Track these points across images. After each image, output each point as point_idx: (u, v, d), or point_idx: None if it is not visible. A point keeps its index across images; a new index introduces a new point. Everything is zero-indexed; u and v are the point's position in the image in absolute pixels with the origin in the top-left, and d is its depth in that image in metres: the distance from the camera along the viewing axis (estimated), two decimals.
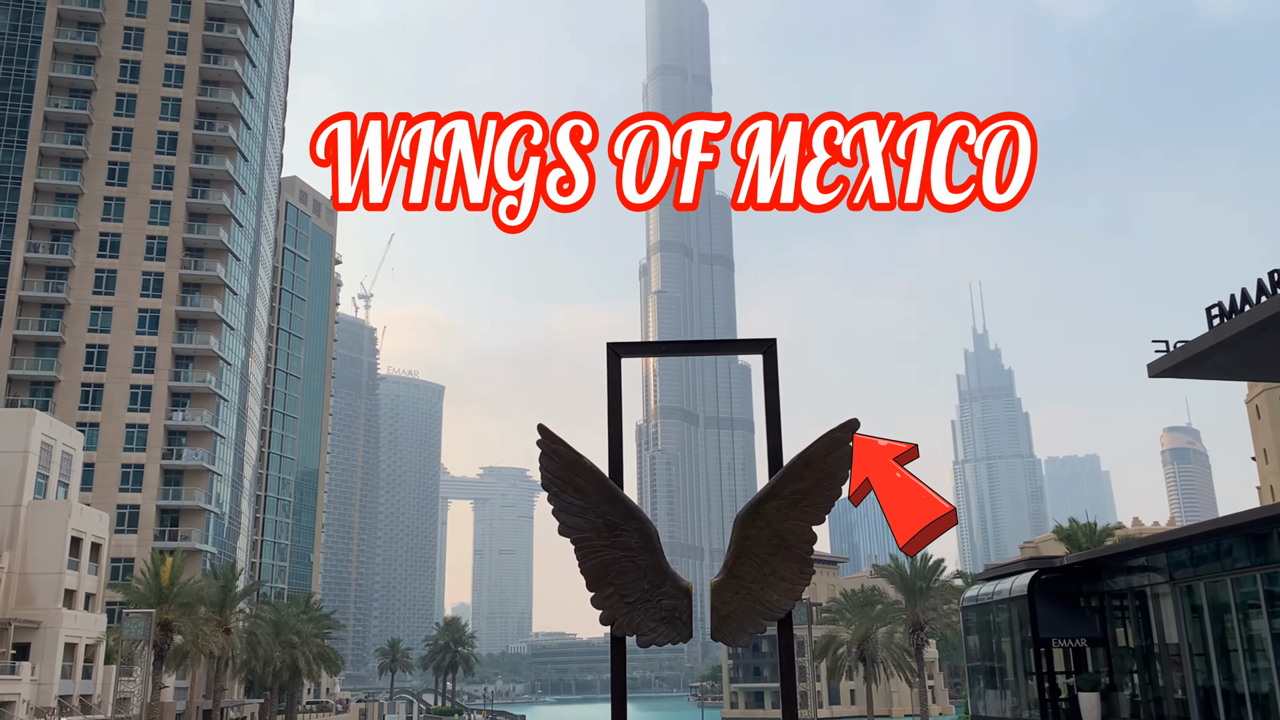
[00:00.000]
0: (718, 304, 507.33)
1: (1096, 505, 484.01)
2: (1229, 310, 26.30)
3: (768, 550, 9.70)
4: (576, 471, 9.78)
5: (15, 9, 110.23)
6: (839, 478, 9.66)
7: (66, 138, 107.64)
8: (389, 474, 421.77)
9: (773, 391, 10.97)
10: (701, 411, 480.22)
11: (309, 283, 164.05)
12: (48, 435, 71.74)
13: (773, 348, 11.08)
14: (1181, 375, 30.19)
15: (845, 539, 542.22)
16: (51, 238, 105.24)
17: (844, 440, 9.66)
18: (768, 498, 9.66)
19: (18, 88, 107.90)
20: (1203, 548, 30.91)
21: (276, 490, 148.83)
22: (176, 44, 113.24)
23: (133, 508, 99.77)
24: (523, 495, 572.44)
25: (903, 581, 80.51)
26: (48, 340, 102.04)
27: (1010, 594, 38.11)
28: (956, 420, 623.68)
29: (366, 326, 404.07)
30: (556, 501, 9.92)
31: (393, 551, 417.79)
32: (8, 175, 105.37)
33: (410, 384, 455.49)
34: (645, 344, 12.15)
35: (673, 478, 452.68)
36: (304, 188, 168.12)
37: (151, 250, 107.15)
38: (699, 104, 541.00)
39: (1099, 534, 71.99)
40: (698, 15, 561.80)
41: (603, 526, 9.79)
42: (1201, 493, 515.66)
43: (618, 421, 11.10)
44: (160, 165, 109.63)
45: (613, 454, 10.87)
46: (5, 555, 65.77)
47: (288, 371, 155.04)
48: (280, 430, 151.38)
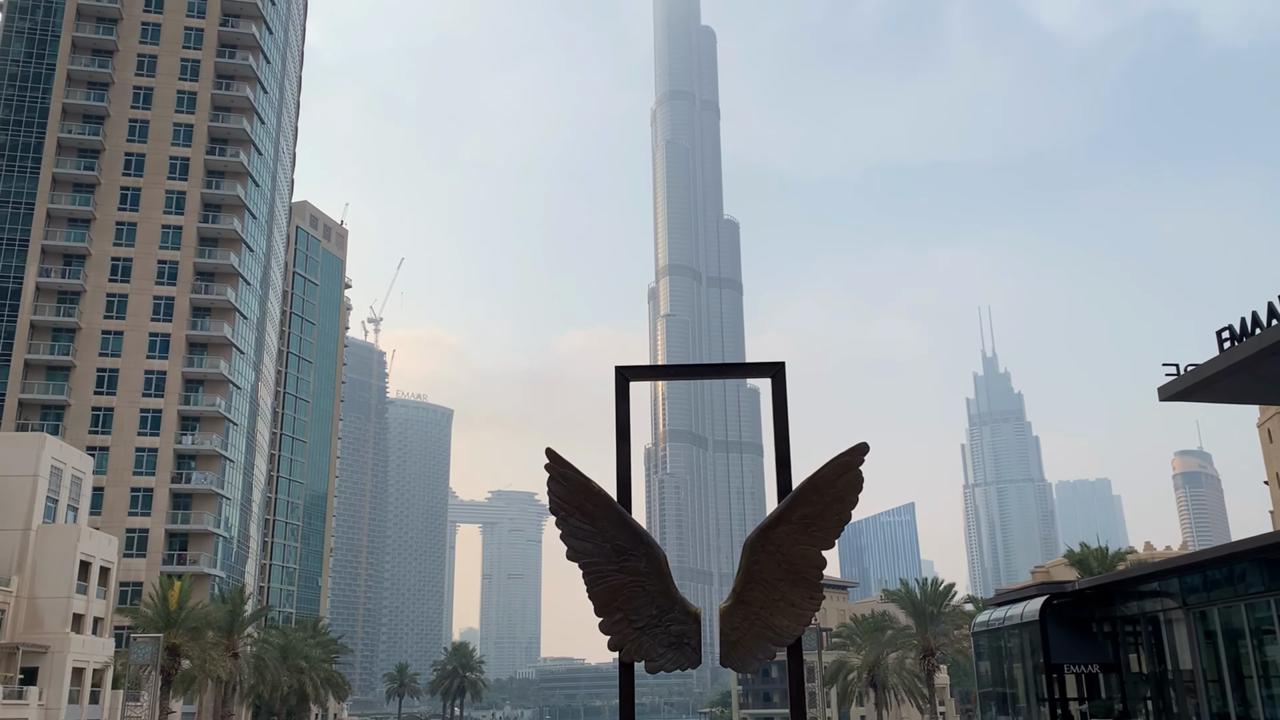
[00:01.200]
0: (726, 327, 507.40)
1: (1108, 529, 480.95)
2: (1239, 334, 26.22)
3: (777, 575, 9.65)
4: (585, 496, 9.75)
5: (30, 37, 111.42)
6: (849, 502, 9.61)
7: (79, 163, 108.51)
8: (397, 498, 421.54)
9: (781, 415, 10.94)
10: (710, 435, 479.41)
11: (319, 307, 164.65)
12: (58, 459, 71.92)
13: (781, 371, 11.06)
14: (1192, 399, 30.07)
15: (855, 564, 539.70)
16: (63, 262, 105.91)
17: (853, 464, 9.62)
18: (777, 522, 9.61)
19: (31, 114, 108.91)
20: (1216, 573, 30.67)
21: (285, 514, 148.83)
22: (189, 71, 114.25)
23: (141, 531, 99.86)
24: (531, 519, 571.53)
25: (913, 606, 80.00)
26: (59, 364, 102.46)
27: (1022, 619, 37.84)
28: (966, 444, 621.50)
29: (376, 350, 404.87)
30: (565, 526, 9.89)
31: (401, 576, 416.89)
32: (21, 201, 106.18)
33: (419, 407, 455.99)
34: (654, 368, 12.17)
35: (681, 502, 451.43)
36: (314, 212, 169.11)
37: (163, 275, 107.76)
38: (707, 129, 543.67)
39: (1111, 559, 71.48)
40: (705, 41, 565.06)
41: (611, 551, 9.75)
42: (1213, 517, 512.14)
43: (626, 445, 11.07)
44: (172, 190, 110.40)
45: (621, 478, 10.84)
46: (14, 580, 65.79)
47: (297, 395, 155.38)
48: (289, 454, 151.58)
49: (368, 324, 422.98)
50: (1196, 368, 28.11)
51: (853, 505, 9.67)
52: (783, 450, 10.81)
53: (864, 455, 9.69)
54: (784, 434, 10.89)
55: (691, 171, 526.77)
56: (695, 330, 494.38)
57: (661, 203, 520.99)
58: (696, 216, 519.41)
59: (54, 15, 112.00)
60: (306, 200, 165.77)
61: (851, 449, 9.74)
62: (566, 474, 9.83)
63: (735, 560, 20.81)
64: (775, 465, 10.78)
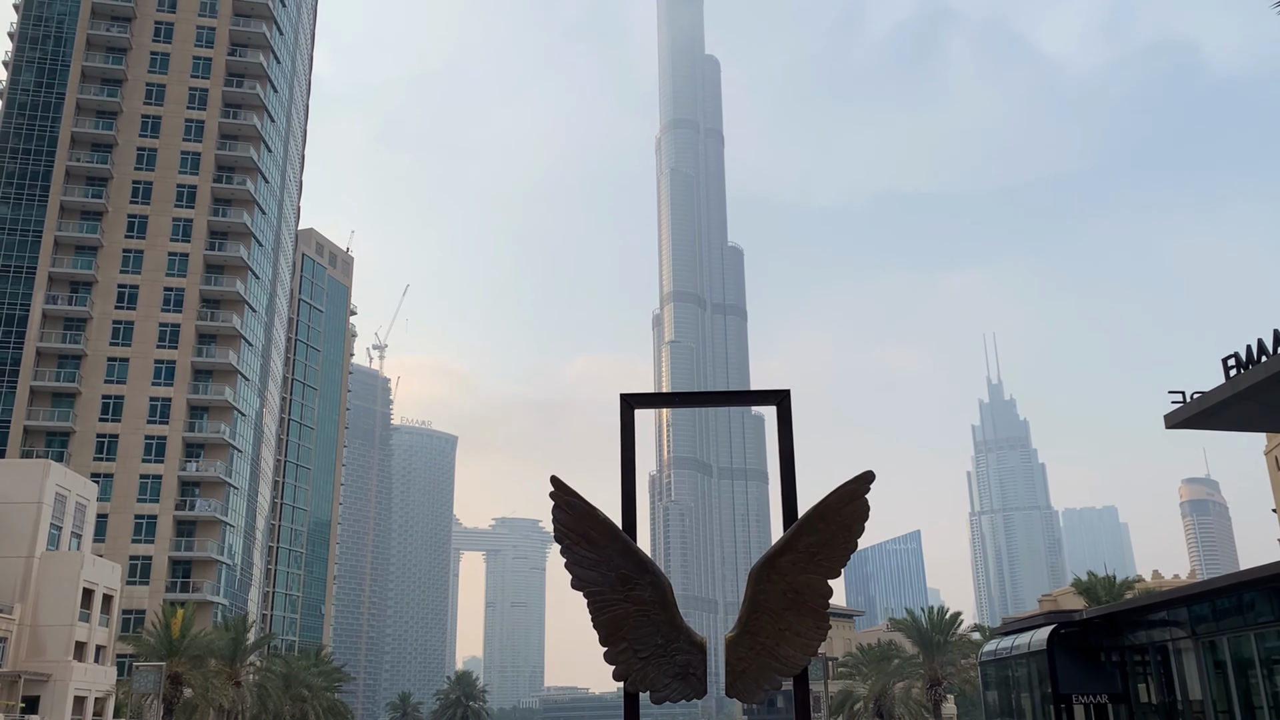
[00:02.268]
0: (731, 354, 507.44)
1: (1115, 558, 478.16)
2: (1246, 361, 26.16)
3: (783, 605, 9.58)
4: (590, 524, 9.70)
5: (41, 66, 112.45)
6: (855, 531, 9.55)
7: (87, 191, 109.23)
8: (401, 525, 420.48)
9: (787, 443, 10.90)
10: (715, 462, 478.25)
11: (324, 333, 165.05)
12: (62, 486, 71.90)
13: (786, 399, 11.04)
14: (1199, 427, 29.97)
15: (861, 592, 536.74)
16: (70, 290, 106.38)
17: (860, 493, 9.56)
18: (782, 551, 9.56)
19: (40, 143, 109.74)
20: (1225, 602, 30.45)
21: (289, 541, 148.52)
22: (197, 100, 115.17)
23: (145, 559, 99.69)
24: (535, 546, 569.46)
25: (919, 635, 79.45)
26: (64, 391, 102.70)
27: (1029, 648, 37.56)
28: (972, 471, 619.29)
29: (380, 377, 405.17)
30: (570, 554, 9.83)
31: (404, 603, 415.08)
32: (29, 229, 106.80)
33: (423, 434, 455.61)
34: (659, 395, 12.15)
35: (686, 529, 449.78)
36: (320, 239, 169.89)
37: (168, 302, 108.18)
38: (711, 157, 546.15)
39: (1118, 587, 71.02)
40: (709, 70, 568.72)
41: (616, 580, 9.69)
42: (1222, 545, 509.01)
43: (631, 473, 11.04)
44: (179, 218, 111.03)
45: (626, 506, 10.79)
46: (17, 607, 65.61)
47: (301, 422, 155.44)
48: (293, 481, 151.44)
49: (372, 350, 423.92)
50: (1202, 395, 28.03)
51: (859, 534, 9.60)
52: (788, 478, 10.77)
53: (870, 483, 9.64)
54: (789, 462, 10.85)
55: (696, 199, 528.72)
56: (700, 357, 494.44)
57: (666, 230, 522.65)
58: (701, 243, 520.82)
59: (64, 45, 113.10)
60: (313, 227, 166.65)
61: (857, 477, 9.69)
62: (571, 502, 9.79)
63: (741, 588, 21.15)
64: (781, 493, 10.73)
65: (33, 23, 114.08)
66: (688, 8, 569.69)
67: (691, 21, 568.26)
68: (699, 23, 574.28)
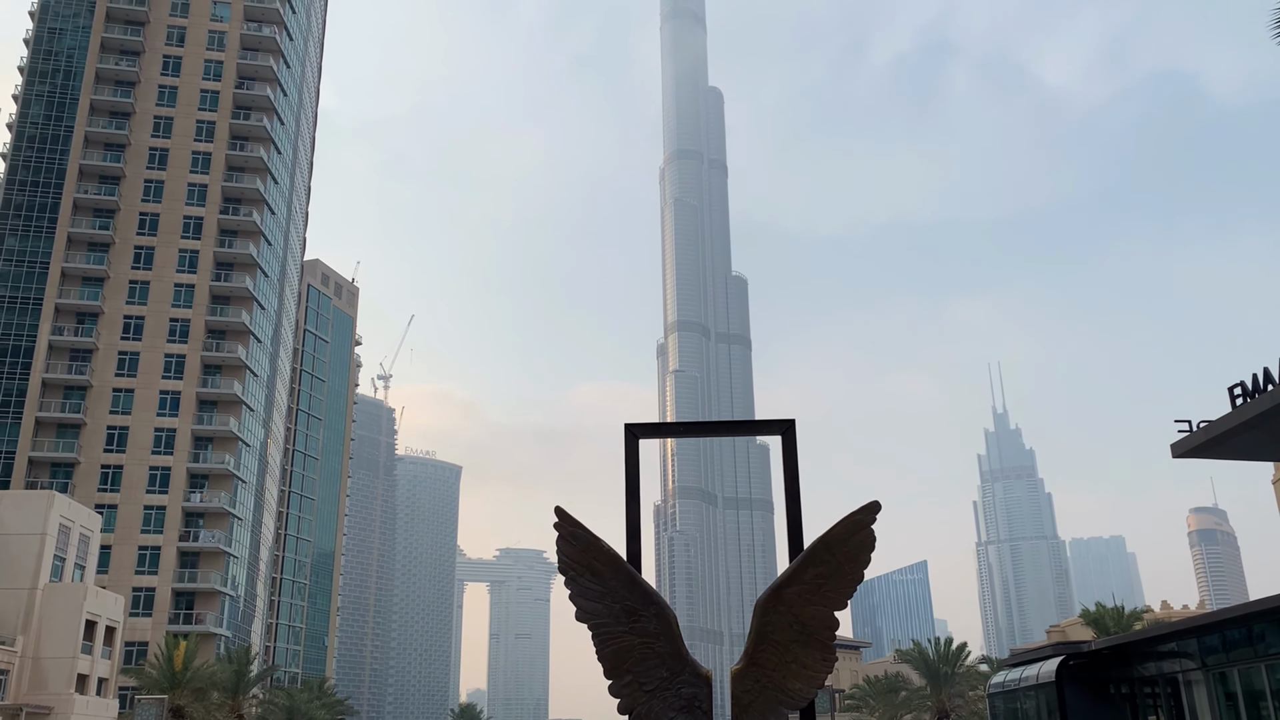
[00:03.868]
0: (735, 383, 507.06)
1: (1123, 588, 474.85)
2: (1252, 390, 26.08)
3: (789, 637, 9.50)
4: (594, 555, 9.65)
5: (50, 99, 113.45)
6: (861, 562, 9.49)
7: (94, 223, 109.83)
8: (405, 556, 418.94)
9: (792, 473, 10.87)
10: (720, 492, 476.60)
11: (329, 364, 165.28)
12: (66, 517, 71.77)
13: (791, 429, 11.01)
14: (1206, 456, 29.83)
15: (867, 623, 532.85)
16: (76, 320, 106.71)
17: (866, 523, 9.52)
18: (788, 583, 9.49)
19: (49, 175, 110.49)
20: (1235, 632, 30.18)
21: (292, 573, 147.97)
22: (204, 132, 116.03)
23: (148, 590, 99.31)
24: (539, 578, 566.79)
25: (926, 667, 78.83)
26: (69, 422, 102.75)
27: (1038, 680, 37.23)
28: (979, 501, 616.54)
29: (385, 407, 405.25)
30: (574, 586, 9.77)
31: (408, 635, 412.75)
32: (36, 260, 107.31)
33: (428, 464, 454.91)
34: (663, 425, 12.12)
35: (691, 560, 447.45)
36: (326, 270, 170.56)
37: (174, 333, 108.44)
38: (715, 187, 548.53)
39: (1127, 618, 70.44)
40: (713, 101, 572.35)
41: (621, 612, 9.62)
42: (1231, 575, 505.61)
43: (636, 504, 11.01)
44: (185, 249, 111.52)
45: (631, 537, 10.76)
46: (19, 639, 65.32)
47: (306, 453, 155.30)
48: (297, 512, 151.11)
49: (377, 381, 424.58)
50: (1209, 424, 27.93)
51: (865, 565, 9.55)
52: (794, 509, 10.73)
53: (876, 514, 9.59)
54: (795, 492, 10.81)
55: (700, 229, 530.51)
56: (704, 386, 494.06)
57: (670, 259, 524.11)
58: (705, 273, 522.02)
59: (73, 79, 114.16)
60: (318, 258, 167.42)
61: (863, 507, 9.65)
62: (576, 533, 9.75)
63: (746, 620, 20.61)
64: (786, 523, 10.68)
65: (42, 57, 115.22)
66: (691, 40, 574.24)
67: (695, 54, 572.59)
68: (702, 55, 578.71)
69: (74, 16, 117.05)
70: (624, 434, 11.26)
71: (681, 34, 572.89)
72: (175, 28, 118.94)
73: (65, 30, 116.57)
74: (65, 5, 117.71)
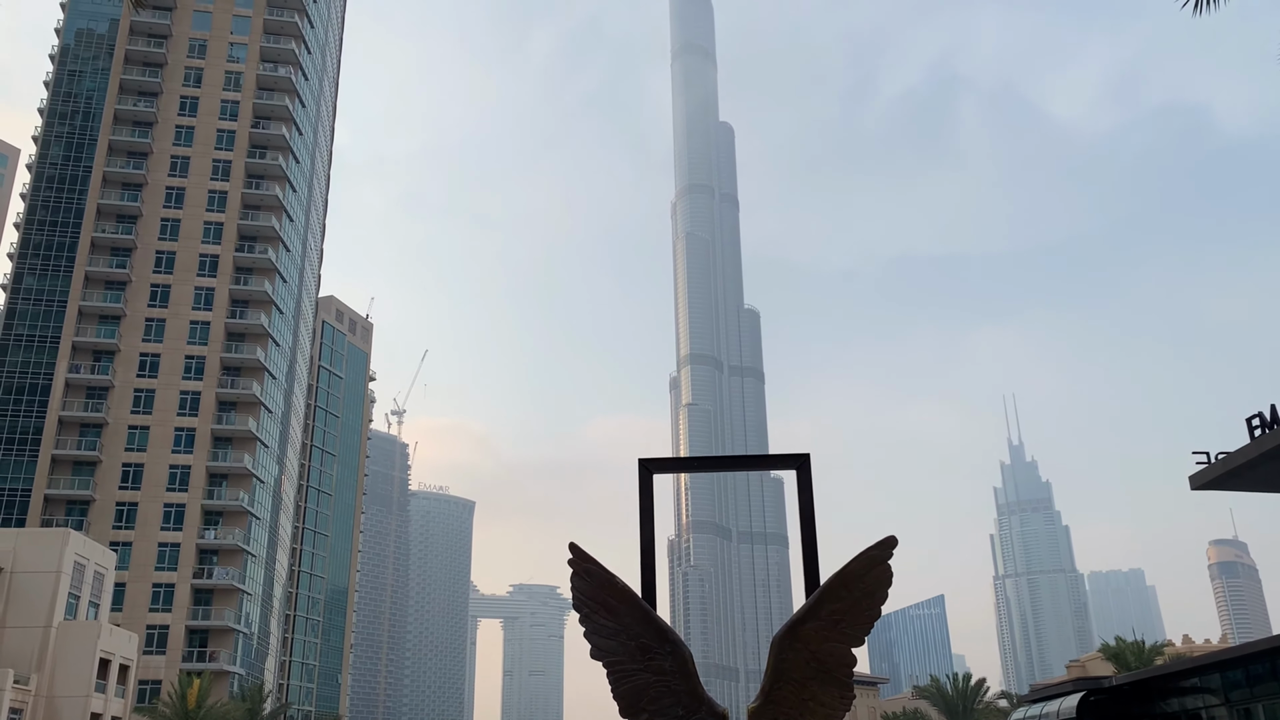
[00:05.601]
0: (749, 416, 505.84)
1: (1143, 622, 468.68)
2: (1270, 421, 25.88)
3: (806, 674, 9.40)
4: (609, 592, 9.58)
5: (69, 140, 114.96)
6: (878, 598, 9.40)
7: (112, 261, 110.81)
8: (418, 592, 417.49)
9: (807, 508, 10.81)
10: (734, 526, 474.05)
11: (343, 400, 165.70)
12: (80, 555, 71.84)
13: (806, 463, 10.96)
14: (1224, 488, 29.56)
15: (885, 659, 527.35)
16: (93, 358, 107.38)
17: (883, 558, 9.44)
18: (805, 619, 9.41)
19: (68, 215, 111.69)
20: (1259, 667, 29.76)
21: (306, 609, 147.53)
22: (220, 171, 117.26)
23: (162, 628, 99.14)
24: (553, 614, 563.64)
25: (944, 703, 77.92)
26: (85, 459, 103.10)
27: (1059, 716, 36.74)
28: (995, 534, 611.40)
29: (399, 442, 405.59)
30: (588, 623, 9.70)
31: (421, 672, 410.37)
32: (54, 299, 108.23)
33: (441, 500, 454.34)
34: (677, 460, 12.08)
35: (706, 595, 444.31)
36: (340, 306, 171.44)
37: (189, 370, 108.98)
38: (727, 221, 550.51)
39: (1148, 653, 69.57)
40: (724, 136, 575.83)
41: (636, 649, 9.55)
42: (1253, 608, 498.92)
43: (650, 539, 10.96)
44: (201, 287, 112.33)
45: (645, 572, 10.69)
46: (33, 678, 65.21)
47: (320, 489, 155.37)
48: (311, 548, 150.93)
49: (391, 416, 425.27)
50: (1227, 456, 27.70)
51: (882, 601, 9.46)
52: (809, 544, 10.66)
53: (892, 549, 9.51)
54: (810, 527, 10.75)
55: (712, 262, 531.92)
56: (718, 419, 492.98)
57: (682, 293, 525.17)
58: (717, 306, 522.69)
59: (92, 120, 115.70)
60: (333, 295, 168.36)
61: (880, 543, 9.57)
62: (590, 570, 9.69)
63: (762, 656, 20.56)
64: (802, 559, 10.61)
65: (62, 99, 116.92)
66: (702, 76, 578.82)
67: (706, 90, 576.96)
68: (713, 91, 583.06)
69: (93, 59, 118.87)
70: (638, 469, 11.23)
71: (692, 70, 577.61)
72: (192, 69, 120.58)
73: (85, 73, 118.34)
74: (85, 48, 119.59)
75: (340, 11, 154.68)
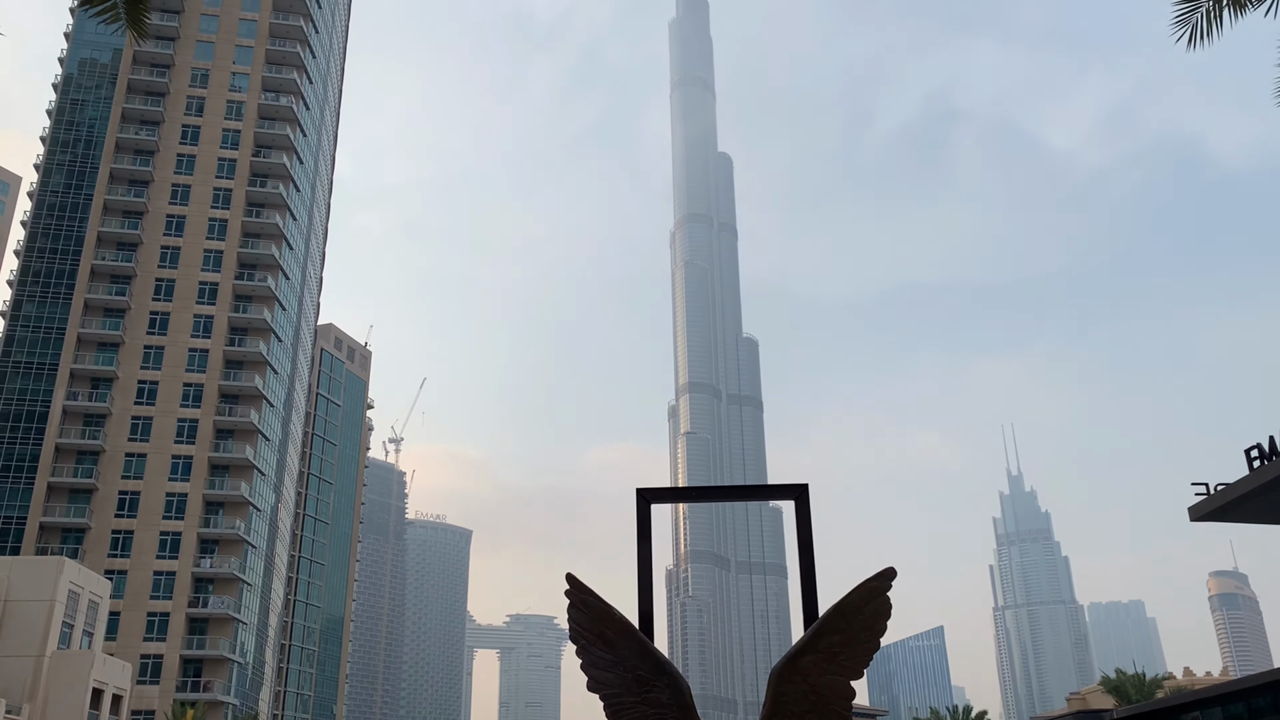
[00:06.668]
0: (747, 445, 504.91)
1: (1144, 653, 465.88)
2: (1269, 452, 25.84)
3: (804, 707, 9.34)
4: (606, 624, 9.53)
5: (70, 168, 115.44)
6: (877, 630, 9.35)
7: (111, 289, 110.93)
8: (415, 622, 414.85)
9: (806, 539, 10.77)
10: (733, 556, 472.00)
11: (341, 428, 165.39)
12: (75, 584, 71.44)
13: (804, 494, 10.93)
14: (1223, 519, 29.48)
15: (884, 691, 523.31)
16: (91, 386, 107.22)
17: (882, 590, 9.40)
18: (803, 651, 9.36)
19: (68, 242, 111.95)
20: (1261, 700, 29.56)
21: (301, 639, 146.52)
22: (221, 199, 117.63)
23: (156, 657, 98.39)
24: (550, 644, 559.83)
25: None
26: (81, 487, 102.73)
27: None
28: (995, 565, 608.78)
29: (396, 470, 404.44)
30: (585, 655, 9.64)
31: (417, 703, 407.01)
32: (53, 326, 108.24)
33: (438, 529, 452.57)
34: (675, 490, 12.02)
35: (704, 626, 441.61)
36: (339, 334, 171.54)
37: (188, 397, 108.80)
38: (725, 251, 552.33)
39: (1148, 685, 69.07)
40: (722, 166, 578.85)
41: (633, 681, 9.48)
42: (1254, 640, 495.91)
43: (648, 570, 10.90)
44: (200, 315, 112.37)
45: (643, 604, 10.64)
46: (25, 707, 64.64)
47: (316, 517, 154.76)
48: (307, 577, 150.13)
49: (388, 444, 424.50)
50: (1226, 487, 27.65)
51: (881, 633, 9.41)
52: (808, 575, 10.61)
53: (892, 580, 9.47)
54: (809, 559, 10.70)
55: (710, 291, 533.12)
56: (716, 448, 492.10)
57: (681, 321, 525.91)
58: (716, 335, 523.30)
59: (94, 148, 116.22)
60: (331, 323, 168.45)
61: (879, 574, 9.53)
62: (587, 601, 9.64)
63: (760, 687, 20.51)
64: (801, 590, 10.56)
65: (64, 127, 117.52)
66: (701, 107, 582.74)
67: (705, 121, 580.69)
68: (711, 122, 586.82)
69: (96, 88, 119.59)
70: (636, 499, 11.20)
71: (691, 101, 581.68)
72: (194, 98, 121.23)
73: (87, 101, 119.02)
74: (88, 77, 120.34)
75: (342, 42, 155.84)
